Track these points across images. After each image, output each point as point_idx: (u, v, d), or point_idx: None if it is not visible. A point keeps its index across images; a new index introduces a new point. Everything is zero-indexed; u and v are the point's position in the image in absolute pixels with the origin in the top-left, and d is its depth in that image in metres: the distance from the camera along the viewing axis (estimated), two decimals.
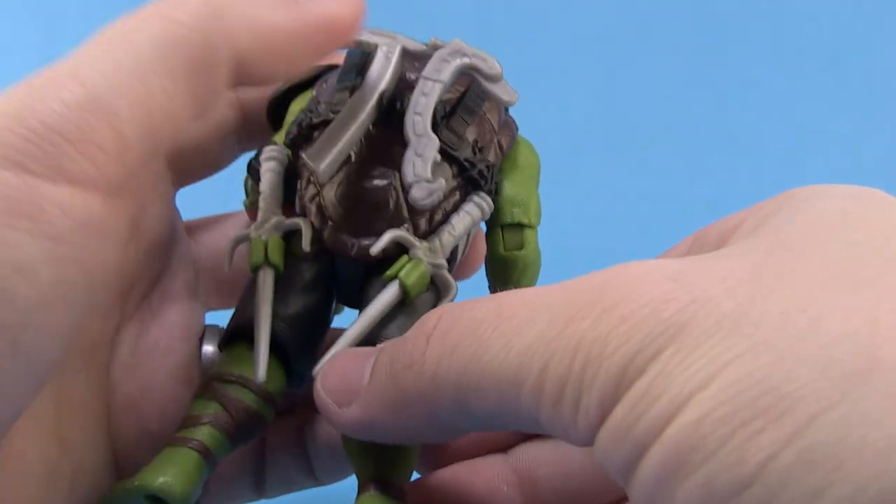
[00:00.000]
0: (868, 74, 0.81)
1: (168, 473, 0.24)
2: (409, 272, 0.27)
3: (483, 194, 0.28)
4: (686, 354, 0.15)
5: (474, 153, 0.28)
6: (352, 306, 0.30)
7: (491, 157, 0.29)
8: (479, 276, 0.31)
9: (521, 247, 0.29)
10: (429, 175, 0.26)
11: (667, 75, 0.80)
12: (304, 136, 0.28)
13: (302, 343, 0.28)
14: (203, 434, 0.25)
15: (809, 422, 0.13)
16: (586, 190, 0.69)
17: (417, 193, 0.26)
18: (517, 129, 0.30)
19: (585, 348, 0.16)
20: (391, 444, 0.24)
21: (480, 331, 0.18)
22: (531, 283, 0.30)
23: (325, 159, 0.26)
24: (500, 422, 0.19)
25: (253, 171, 0.30)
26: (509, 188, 0.29)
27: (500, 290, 0.22)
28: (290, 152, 0.29)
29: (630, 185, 0.72)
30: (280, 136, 0.30)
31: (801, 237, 0.17)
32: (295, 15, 0.23)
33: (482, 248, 0.30)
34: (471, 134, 0.28)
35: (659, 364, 0.15)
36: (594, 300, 0.16)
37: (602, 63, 0.81)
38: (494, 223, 0.29)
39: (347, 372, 0.23)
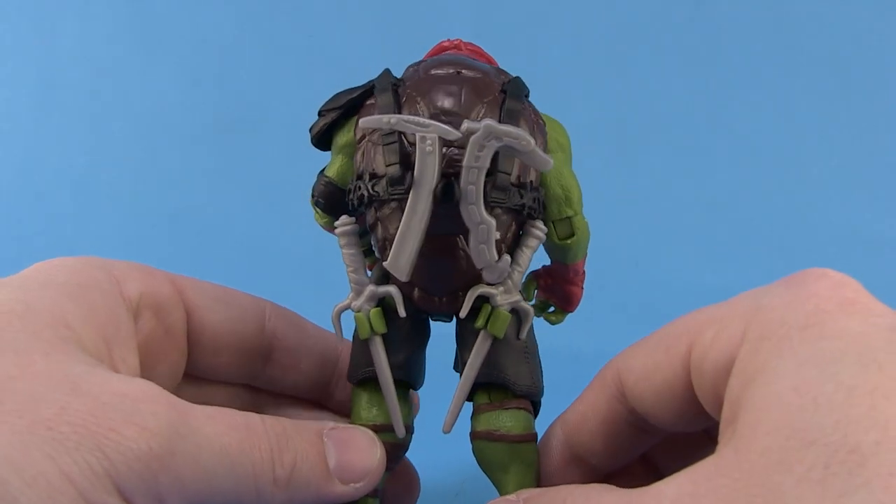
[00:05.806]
0: (868, 75, 0.78)
1: None
2: (494, 323, 0.32)
3: (536, 223, 0.32)
4: None
5: (520, 194, 0.31)
6: (444, 321, 0.36)
7: (532, 177, 0.32)
8: None
9: (571, 234, 0.34)
10: (495, 258, 0.30)
11: (666, 76, 0.77)
12: (371, 203, 0.32)
13: (414, 374, 0.35)
14: None
15: None
16: (586, 190, 0.70)
17: (489, 277, 0.31)
18: (542, 121, 0.34)
19: None
20: None
21: None
22: (584, 254, 0.36)
23: (405, 267, 0.30)
24: None
25: (318, 203, 0.35)
26: (552, 183, 0.33)
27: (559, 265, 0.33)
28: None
29: (629, 185, 0.72)
30: (332, 170, 0.35)
31: (758, 469, 0.22)
32: None
33: None
34: (513, 175, 0.31)
35: None
36: None
37: (602, 63, 0.78)
38: (546, 217, 0.34)
39: None
